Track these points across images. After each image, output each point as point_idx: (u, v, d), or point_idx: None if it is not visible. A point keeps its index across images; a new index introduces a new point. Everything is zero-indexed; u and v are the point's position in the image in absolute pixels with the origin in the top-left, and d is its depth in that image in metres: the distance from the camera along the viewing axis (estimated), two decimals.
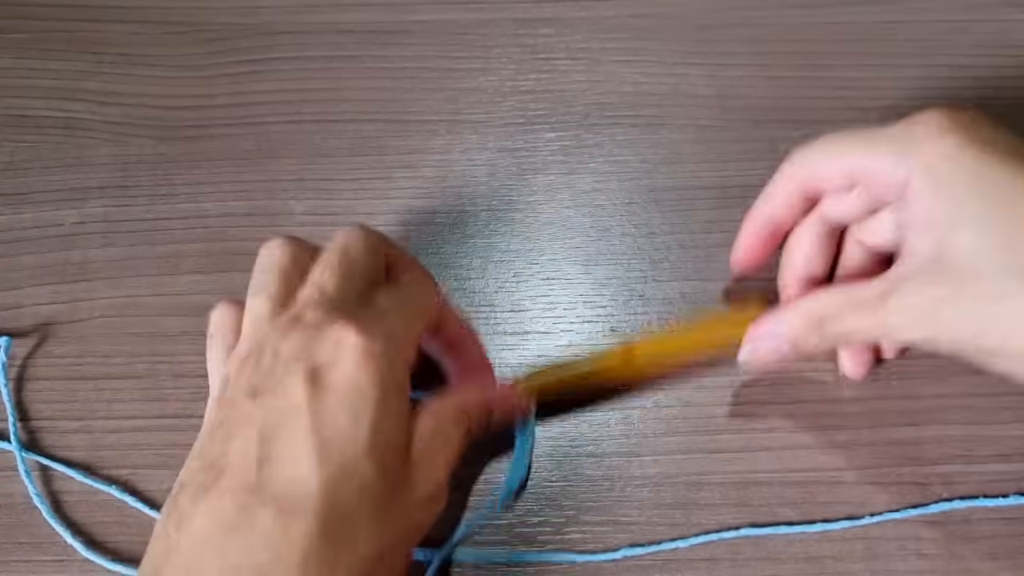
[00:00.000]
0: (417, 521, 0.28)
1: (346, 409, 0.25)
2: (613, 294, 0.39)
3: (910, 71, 0.43)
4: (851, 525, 0.34)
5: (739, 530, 0.34)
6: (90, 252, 0.40)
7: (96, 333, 0.38)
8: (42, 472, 0.36)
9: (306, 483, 0.24)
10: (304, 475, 0.24)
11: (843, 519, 0.34)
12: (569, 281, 0.39)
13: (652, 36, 0.44)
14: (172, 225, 0.40)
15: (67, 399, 0.37)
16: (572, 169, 0.41)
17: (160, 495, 0.35)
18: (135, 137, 0.42)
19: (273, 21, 0.45)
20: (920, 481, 0.35)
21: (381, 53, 0.44)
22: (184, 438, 0.36)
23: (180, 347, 0.38)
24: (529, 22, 0.44)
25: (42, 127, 0.43)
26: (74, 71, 0.44)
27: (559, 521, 0.35)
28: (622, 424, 0.36)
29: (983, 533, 0.34)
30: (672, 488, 0.35)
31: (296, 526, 0.24)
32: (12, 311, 0.39)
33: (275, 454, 0.25)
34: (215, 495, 0.25)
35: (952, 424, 0.35)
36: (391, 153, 0.42)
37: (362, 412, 0.25)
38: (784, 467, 0.35)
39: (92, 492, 0.35)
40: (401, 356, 0.27)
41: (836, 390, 0.36)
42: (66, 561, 0.34)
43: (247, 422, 0.26)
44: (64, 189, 0.41)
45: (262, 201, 0.41)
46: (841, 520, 0.34)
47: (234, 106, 0.43)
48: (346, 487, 0.25)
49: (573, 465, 0.36)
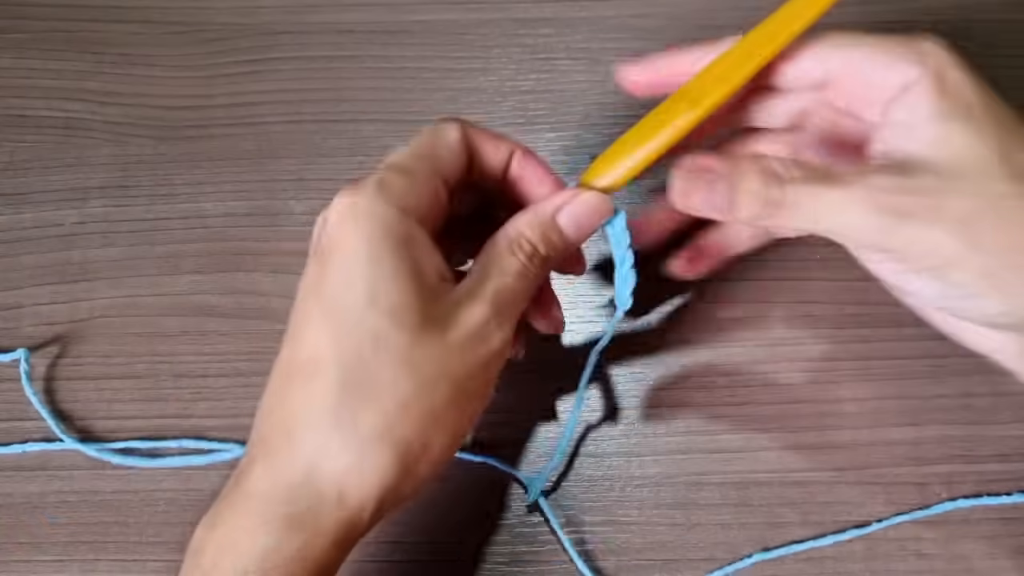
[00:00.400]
0: (463, 364, 0.26)
1: (338, 269, 0.26)
2: (613, 294, 0.38)
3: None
4: (860, 534, 0.34)
5: (751, 557, 0.34)
6: (90, 252, 0.40)
7: (96, 333, 0.38)
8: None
9: (318, 347, 0.25)
10: (315, 341, 0.26)
11: (852, 528, 0.34)
12: (569, 281, 0.39)
13: (652, 36, 0.44)
14: (172, 225, 0.40)
15: (67, 399, 0.37)
16: (572, 169, 0.41)
17: (159, 494, 0.35)
18: (135, 137, 0.42)
19: (273, 21, 0.45)
20: (920, 481, 0.35)
21: (381, 53, 0.44)
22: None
23: (180, 347, 0.38)
24: (529, 22, 0.44)
25: (42, 127, 0.43)
26: (74, 71, 0.44)
27: (559, 522, 0.35)
28: (622, 424, 0.36)
29: (983, 533, 0.34)
30: (672, 488, 0.35)
31: (317, 384, 0.25)
32: (12, 311, 0.39)
33: (298, 334, 0.26)
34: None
35: (952, 424, 0.35)
36: (391, 153, 0.42)
37: (353, 268, 0.26)
38: (784, 467, 0.35)
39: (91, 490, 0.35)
40: (398, 204, 0.26)
41: (836, 390, 0.36)
42: (66, 561, 0.34)
43: (296, 311, 0.27)
44: (64, 189, 0.41)
45: (262, 201, 0.41)
46: (850, 529, 0.34)
47: (234, 106, 0.43)
48: (357, 342, 0.25)
49: (573, 465, 0.36)
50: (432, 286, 0.26)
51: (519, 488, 0.35)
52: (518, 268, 0.28)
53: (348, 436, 0.25)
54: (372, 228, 0.26)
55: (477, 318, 0.26)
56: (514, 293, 0.28)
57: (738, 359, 0.37)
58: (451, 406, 0.26)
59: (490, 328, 0.27)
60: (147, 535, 0.35)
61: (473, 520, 0.35)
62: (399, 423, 0.25)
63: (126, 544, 0.35)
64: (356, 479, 0.25)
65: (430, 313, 0.26)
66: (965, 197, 0.26)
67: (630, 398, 0.36)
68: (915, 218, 0.26)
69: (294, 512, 0.25)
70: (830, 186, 0.26)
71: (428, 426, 0.26)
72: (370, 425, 0.25)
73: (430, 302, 0.26)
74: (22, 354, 0.37)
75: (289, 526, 0.25)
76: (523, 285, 0.28)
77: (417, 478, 0.26)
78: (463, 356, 0.26)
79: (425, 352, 0.25)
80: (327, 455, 0.25)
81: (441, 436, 0.26)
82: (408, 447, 0.25)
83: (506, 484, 0.36)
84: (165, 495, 0.35)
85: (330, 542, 0.25)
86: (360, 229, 0.26)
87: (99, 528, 0.35)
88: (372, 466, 0.25)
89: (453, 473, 0.35)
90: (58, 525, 0.35)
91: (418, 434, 0.26)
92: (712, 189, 0.28)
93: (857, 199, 0.26)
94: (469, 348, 0.26)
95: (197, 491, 0.36)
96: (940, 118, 0.27)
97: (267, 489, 0.25)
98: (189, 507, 0.35)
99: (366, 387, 0.25)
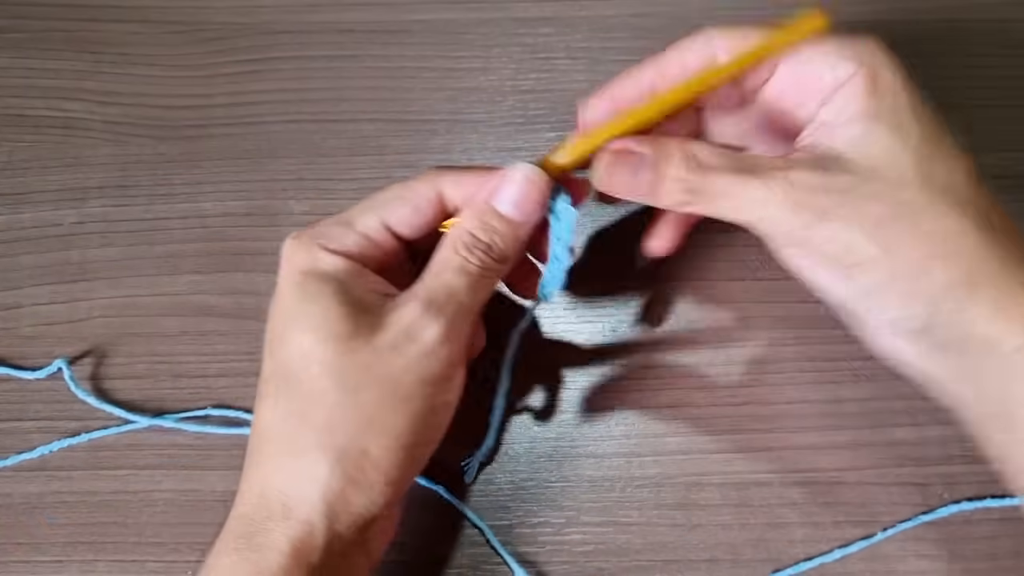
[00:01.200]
0: (389, 365, 0.27)
1: (276, 300, 0.29)
2: (613, 294, 0.38)
3: (910, 71, 0.43)
4: (867, 544, 0.34)
5: None
6: (89, 252, 0.40)
7: (95, 333, 0.38)
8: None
9: (264, 370, 0.28)
10: (264, 365, 0.29)
11: (860, 539, 0.34)
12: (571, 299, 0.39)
13: (652, 36, 0.43)
14: (171, 225, 0.40)
15: (67, 399, 0.37)
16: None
17: (158, 494, 0.35)
18: (134, 137, 0.42)
19: (273, 20, 0.45)
20: (921, 481, 0.35)
21: (381, 52, 0.44)
22: (183, 439, 0.36)
23: (180, 347, 0.38)
24: (529, 21, 0.44)
25: (41, 127, 0.43)
26: (73, 71, 0.44)
27: (559, 522, 0.35)
28: (622, 425, 0.36)
29: (984, 533, 0.34)
30: (672, 488, 0.35)
31: (265, 405, 0.28)
32: (11, 311, 0.39)
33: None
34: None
35: (953, 424, 0.35)
36: (391, 153, 0.42)
37: (285, 298, 0.28)
38: (784, 467, 0.35)
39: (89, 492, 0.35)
40: (327, 247, 0.29)
41: (837, 390, 0.36)
42: (64, 562, 0.34)
43: None
44: (63, 189, 0.41)
45: (261, 201, 0.41)
46: (858, 541, 0.34)
47: (233, 106, 0.43)
48: (287, 361, 0.27)
49: (573, 466, 0.36)
50: (365, 302, 0.28)
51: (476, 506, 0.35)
52: (456, 263, 0.28)
53: (288, 450, 0.27)
54: (300, 264, 0.28)
55: (405, 317, 0.27)
56: (448, 288, 0.28)
57: (738, 359, 0.37)
58: (383, 408, 0.27)
59: (420, 325, 0.27)
60: (146, 535, 0.35)
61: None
62: (332, 431, 0.27)
63: (125, 544, 0.35)
64: (296, 490, 0.26)
65: (360, 323, 0.27)
66: (880, 201, 0.26)
67: (631, 399, 0.36)
68: (832, 217, 0.26)
69: (251, 530, 0.27)
70: (752, 178, 0.27)
71: (361, 431, 0.27)
72: (306, 436, 0.27)
73: (360, 315, 0.27)
74: (62, 363, 0.37)
75: (248, 545, 0.26)
76: (464, 280, 0.28)
77: (367, 487, 0.27)
78: (390, 357, 0.27)
79: (351, 359, 0.27)
80: (274, 471, 0.27)
81: (379, 439, 0.27)
82: (343, 453, 0.26)
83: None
84: (164, 496, 0.35)
85: (286, 556, 0.26)
86: (291, 266, 0.28)
87: (98, 529, 0.35)
88: (310, 476, 0.26)
89: None
90: (57, 526, 0.35)
91: (352, 440, 0.27)
92: (635, 174, 0.28)
93: (778, 194, 0.26)
94: (397, 348, 0.27)
95: (196, 492, 0.35)
96: (867, 118, 0.27)
97: (236, 512, 0.28)
98: (188, 508, 0.35)
99: (300, 401, 0.27)
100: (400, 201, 0.30)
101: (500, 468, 0.36)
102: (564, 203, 0.30)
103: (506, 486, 0.35)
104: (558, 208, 0.30)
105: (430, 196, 0.30)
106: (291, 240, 0.29)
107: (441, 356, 0.27)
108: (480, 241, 0.28)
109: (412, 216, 0.29)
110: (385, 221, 0.29)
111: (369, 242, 0.29)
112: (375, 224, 0.29)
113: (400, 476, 0.28)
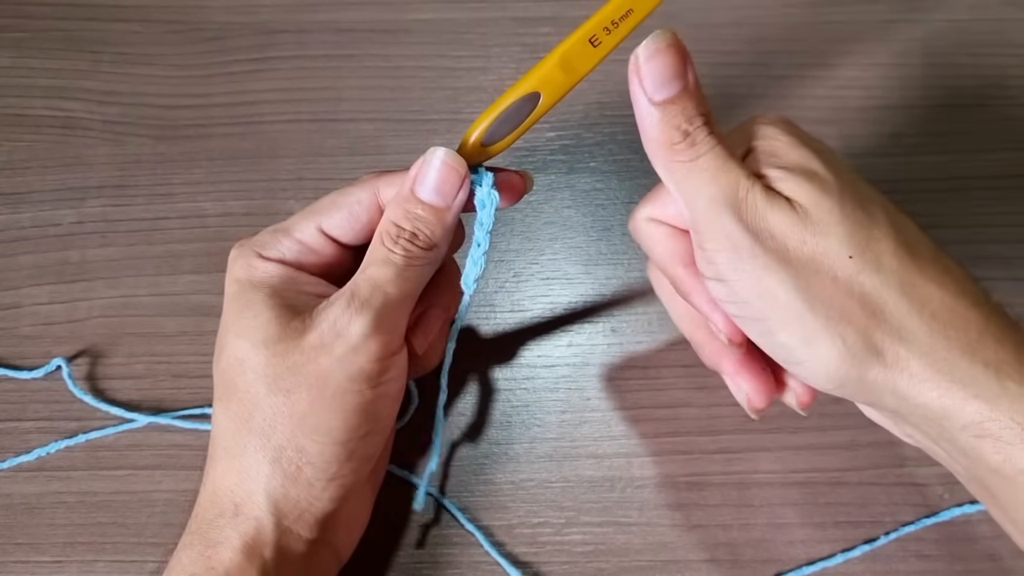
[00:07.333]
0: (317, 363, 0.27)
1: (224, 311, 0.30)
2: (613, 294, 0.38)
3: (910, 71, 0.43)
4: (870, 548, 0.33)
5: None
6: (88, 252, 0.40)
7: (94, 333, 0.38)
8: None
9: (215, 383, 0.30)
10: (215, 377, 0.30)
11: (862, 542, 0.34)
12: (569, 281, 0.39)
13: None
14: (171, 225, 0.40)
15: (66, 399, 0.37)
16: (572, 168, 0.41)
17: (157, 494, 0.35)
18: (134, 136, 0.42)
19: (272, 20, 0.45)
20: (921, 482, 0.34)
21: (380, 52, 0.44)
22: (182, 438, 0.36)
23: (179, 347, 0.38)
24: (529, 21, 0.44)
25: (40, 126, 0.43)
26: (72, 70, 0.44)
27: (559, 522, 0.35)
28: (622, 425, 0.36)
29: (984, 534, 0.34)
30: (672, 488, 0.35)
31: (217, 413, 0.29)
32: (10, 311, 0.39)
33: None
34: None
35: None
36: (390, 152, 0.42)
37: (227, 308, 0.30)
38: (785, 468, 0.35)
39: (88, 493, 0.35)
40: (263, 254, 0.30)
41: None
42: (64, 562, 0.34)
43: None
44: (62, 188, 0.41)
45: (261, 201, 0.41)
46: (860, 545, 0.34)
47: (233, 105, 0.43)
48: (229, 369, 0.28)
49: (573, 466, 0.35)
50: (297, 306, 0.28)
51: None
52: (382, 255, 0.28)
53: (234, 452, 0.28)
54: (238, 273, 0.30)
55: (331, 315, 0.28)
56: (372, 281, 0.28)
57: None
58: (315, 406, 0.28)
59: (344, 320, 0.28)
60: (145, 536, 0.35)
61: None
62: (269, 432, 0.28)
63: (124, 545, 0.35)
64: (243, 489, 0.28)
65: (290, 326, 0.28)
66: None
67: (631, 398, 0.36)
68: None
69: (205, 527, 0.28)
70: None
71: (295, 430, 0.28)
72: (247, 438, 0.28)
73: (291, 318, 0.28)
74: (61, 363, 0.37)
75: (203, 541, 0.28)
76: (389, 271, 0.28)
77: (307, 483, 0.28)
78: (318, 356, 0.28)
79: (282, 362, 0.28)
80: (224, 471, 0.29)
81: (314, 436, 0.28)
82: (281, 452, 0.28)
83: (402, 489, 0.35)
84: (163, 496, 0.35)
85: (237, 552, 0.28)
86: (231, 275, 0.30)
87: (97, 529, 0.35)
88: (254, 475, 0.28)
89: None
90: (56, 526, 0.35)
91: (288, 439, 0.28)
92: (685, 71, 0.30)
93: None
94: (325, 346, 0.28)
95: (195, 492, 0.35)
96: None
97: (195, 511, 0.29)
98: (187, 508, 0.35)
99: (239, 405, 0.28)
100: (335, 207, 0.30)
101: (500, 468, 0.36)
102: (487, 187, 0.29)
103: (506, 486, 0.35)
104: (482, 192, 0.30)
105: (365, 200, 0.30)
106: (233, 250, 0.30)
107: (371, 349, 0.28)
108: (404, 230, 0.28)
109: (347, 220, 0.30)
110: (321, 226, 0.30)
111: (304, 248, 0.30)
112: (311, 230, 0.30)
113: (341, 471, 0.29)
